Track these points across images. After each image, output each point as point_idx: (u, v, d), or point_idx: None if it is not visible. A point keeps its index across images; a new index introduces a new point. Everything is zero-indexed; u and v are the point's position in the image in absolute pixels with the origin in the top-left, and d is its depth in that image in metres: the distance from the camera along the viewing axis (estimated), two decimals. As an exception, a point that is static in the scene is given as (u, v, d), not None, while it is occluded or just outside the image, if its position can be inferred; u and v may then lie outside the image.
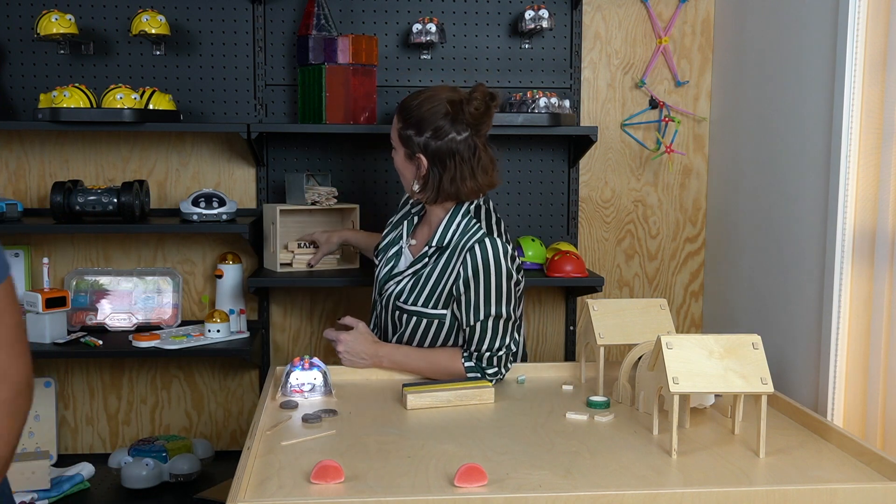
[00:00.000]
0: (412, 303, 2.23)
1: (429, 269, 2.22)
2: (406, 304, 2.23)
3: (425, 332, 2.24)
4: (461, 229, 2.19)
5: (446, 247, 2.20)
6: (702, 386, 1.71)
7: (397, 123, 2.22)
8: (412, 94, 2.24)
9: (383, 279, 2.32)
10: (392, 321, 2.29)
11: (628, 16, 3.05)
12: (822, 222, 2.31)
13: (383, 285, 2.30)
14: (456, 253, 2.18)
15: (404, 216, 2.38)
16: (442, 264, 2.20)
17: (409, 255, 2.30)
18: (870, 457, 1.69)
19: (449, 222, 2.21)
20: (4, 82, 2.88)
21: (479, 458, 1.67)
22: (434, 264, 2.21)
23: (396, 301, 2.24)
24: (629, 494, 1.51)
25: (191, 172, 2.99)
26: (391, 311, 2.28)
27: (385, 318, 2.31)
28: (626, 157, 3.10)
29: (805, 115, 2.42)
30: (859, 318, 2.17)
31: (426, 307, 2.21)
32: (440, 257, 2.21)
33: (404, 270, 2.26)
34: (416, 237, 2.33)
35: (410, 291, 2.23)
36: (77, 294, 2.89)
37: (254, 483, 1.56)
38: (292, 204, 2.80)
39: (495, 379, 2.21)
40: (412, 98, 2.22)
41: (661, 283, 3.16)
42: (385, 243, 2.37)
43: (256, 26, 2.92)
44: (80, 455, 2.97)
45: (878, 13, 2.11)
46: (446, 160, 2.16)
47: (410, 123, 2.18)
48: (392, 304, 2.26)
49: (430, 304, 2.21)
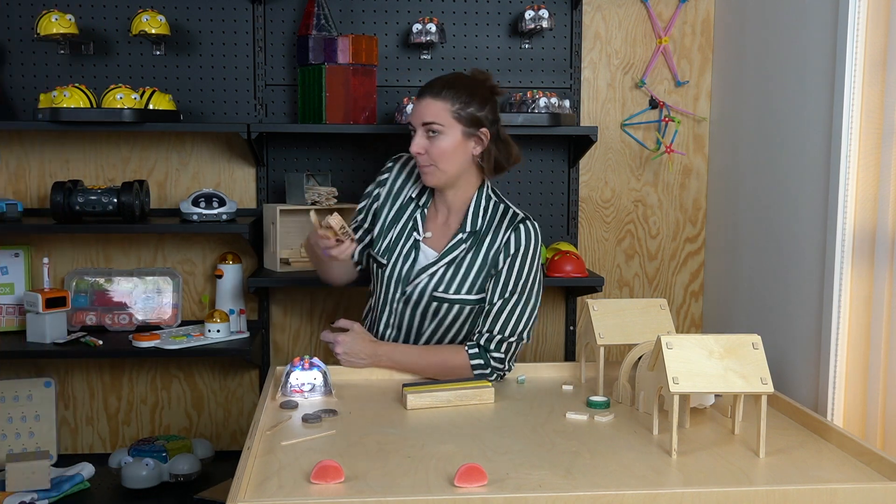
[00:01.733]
0: (454, 291, 2.23)
1: (469, 255, 2.24)
2: (448, 293, 2.24)
3: (466, 320, 2.26)
4: (491, 210, 2.27)
5: (479, 230, 2.25)
6: (702, 386, 1.71)
7: (448, 104, 2.18)
8: (441, 77, 2.24)
9: (406, 276, 2.28)
10: (422, 316, 2.28)
11: (628, 16, 3.05)
12: (822, 222, 2.31)
13: (407, 282, 2.28)
14: (492, 233, 2.24)
15: (404, 210, 2.34)
16: (484, 248, 2.23)
17: (429, 248, 2.29)
18: (870, 457, 1.69)
19: (477, 205, 2.26)
20: (4, 82, 2.88)
21: (479, 458, 1.67)
22: (472, 249, 2.24)
23: (434, 292, 2.24)
24: (629, 494, 1.51)
25: (191, 172, 2.99)
26: (425, 305, 2.26)
27: (408, 314, 2.29)
28: (626, 157, 3.10)
29: (805, 115, 2.42)
30: (859, 318, 2.17)
31: (470, 294, 2.23)
32: (476, 241, 2.24)
33: (437, 261, 2.25)
34: (429, 228, 2.31)
35: (451, 280, 2.24)
36: (77, 294, 2.89)
37: (254, 483, 1.56)
38: (292, 204, 2.80)
39: (497, 373, 2.22)
40: (452, 79, 2.23)
41: (661, 283, 3.16)
42: (389, 241, 2.32)
43: (256, 26, 2.92)
44: (80, 455, 2.98)
45: (878, 13, 2.11)
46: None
47: (470, 100, 2.20)
48: (428, 296, 2.25)
49: (475, 290, 2.23)
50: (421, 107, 2.20)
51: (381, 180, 2.39)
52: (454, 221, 2.30)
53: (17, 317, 2.86)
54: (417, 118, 2.21)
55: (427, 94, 2.20)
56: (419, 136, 2.21)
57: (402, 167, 2.38)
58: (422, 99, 2.21)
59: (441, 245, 2.29)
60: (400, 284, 2.29)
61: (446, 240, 2.29)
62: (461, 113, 2.19)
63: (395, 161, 2.41)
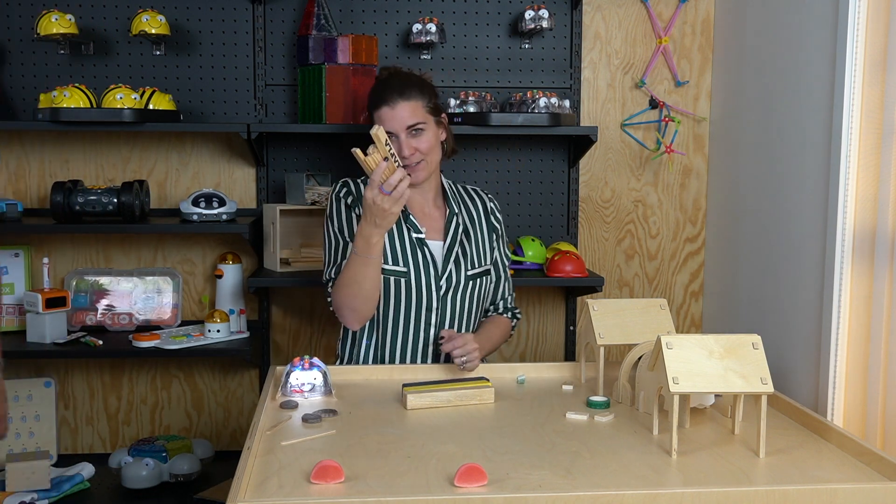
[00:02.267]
0: (479, 263, 2.39)
1: (470, 228, 2.40)
2: (478, 266, 2.38)
3: (485, 287, 2.40)
4: (459, 190, 2.47)
5: (460, 206, 2.41)
6: (702, 386, 1.71)
7: (423, 100, 2.29)
8: (391, 81, 2.32)
9: (436, 276, 2.31)
10: (461, 300, 2.34)
11: (628, 16, 3.05)
12: (822, 222, 2.31)
13: (439, 278, 2.31)
14: (471, 205, 2.44)
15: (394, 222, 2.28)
16: (475, 217, 2.42)
17: (432, 241, 2.34)
18: (870, 457, 1.69)
19: (448, 186, 2.43)
20: (4, 82, 2.88)
21: (479, 458, 1.67)
22: (467, 223, 2.40)
23: (468, 271, 2.35)
24: (629, 494, 1.51)
25: (191, 172, 2.99)
26: (463, 287, 2.34)
27: (449, 306, 2.32)
28: (626, 157, 3.10)
29: (805, 115, 2.42)
30: (859, 318, 2.17)
31: (486, 262, 2.41)
32: (464, 215, 2.40)
33: (451, 247, 2.34)
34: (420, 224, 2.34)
35: (471, 255, 2.37)
36: (77, 294, 2.89)
37: (254, 483, 1.56)
38: (292, 204, 2.80)
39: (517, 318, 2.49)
40: (404, 79, 2.32)
41: (661, 283, 3.16)
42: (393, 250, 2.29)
43: (256, 26, 2.92)
44: (80, 455, 2.97)
45: (878, 13, 2.11)
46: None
47: (432, 93, 2.34)
48: (465, 278, 2.34)
49: (488, 260, 2.41)
50: (398, 112, 2.25)
51: (349, 202, 2.33)
52: (435, 208, 2.39)
53: (17, 317, 2.86)
54: (399, 124, 2.25)
55: (396, 98, 2.26)
56: (406, 139, 2.26)
57: (357, 186, 2.35)
58: (394, 105, 2.25)
59: (439, 232, 2.36)
60: (432, 285, 2.31)
61: (440, 224, 2.36)
62: (429, 105, 2.30)
63: (346, 185, 2.36)
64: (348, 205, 2.33)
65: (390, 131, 2.23)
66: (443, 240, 2.35)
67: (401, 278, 2.29)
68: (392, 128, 2.24)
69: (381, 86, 2.32)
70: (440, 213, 2.39)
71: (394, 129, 2.24)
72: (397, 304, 2.31)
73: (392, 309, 2.32)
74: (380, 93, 2.29)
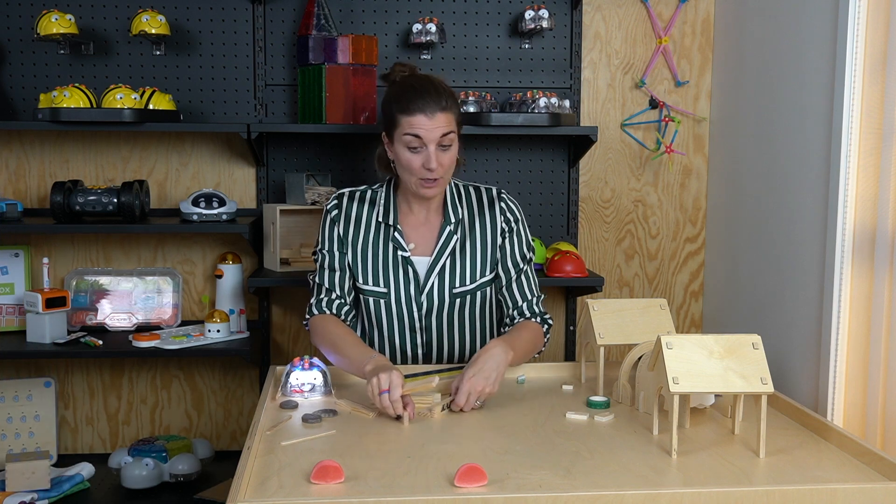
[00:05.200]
0: (469, 280, 2.25)
1: (467, 242, 2.26)
2: (465, 284, 2.25)
3: (483, 303, 2.29)
4: (464, 195, 2.30)
5: (464, 216, 2.27)
6: (702, 386, 1.71)
7: (455, 112, 2.14)
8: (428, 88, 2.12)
9: (416, 295, 2.23)
10: (448, 318, 2.26)
11: (628, 16, 3.05)
12: (822, 222, 2.31)
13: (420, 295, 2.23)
14: (480, 215, 2.27)
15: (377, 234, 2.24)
16: (478, 229, 2.27)
17: (419, 258, 2.24)
18: (870, 457, 1.69)
19: (452, 196, 2.28)
20: (4, 82, 2.88)
21: (479, 458, 1.67)
22: (465, 236, 2.26)
23: (452, 290, 2.24)
24: (629, 494, 1.51)
25: (191, 172, 2.99)
26: (448, 306, 2.24)
27: (434, 324, 2.26)
28: (626, 157, 3.10)
29: (805, 115, 2.42)
30: (859, 318, 2.17)
31: (484, 275, 2.27)
32: (465, 227, 2.26)
33: (437, 260, 2.23)
34: (409, 240, 2.26)
35: (461, 271, 2.25)
36: (77, 294, 2.89)
37: (254, 483, 1.56)
38: (292, 204, 2.80)
39: (549, 325, 2.29)
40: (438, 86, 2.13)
41: (661, 283, 3.16)
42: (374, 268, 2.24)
43: (256, 26, 2.92)
44: (80, 455, 2.98)
45: (878, 13, 2.11)
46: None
47: (458, 104, 2.19)
48: (449, 296, 2.23)
49: (487, 271, 2.27)
50: (436, 122, 2.09)
51: (333, 217, 2.27)
52: (434, 218, 2.27)
53: (17, 317, 2.86)
54: (434, 135, 2.09)
55: (435, 108, 2.08)
56: (436, 153, 2.10)
57: (350, 200, 2.28)
58: (433, 115, 2.08)
59: (430, 246, 2.26)
60: (412, 302, 2.24)
61: (433, 237, 2.26)
62: (459, 119, 2.17)
63: (339, 198, 2.28)
64: (333, 219, 2.26)
65: (420, 139, 2.09)
66: (430, 254, 2.25)
67: (380, 299, 2.25)
68: (425, 137, 2.09)
69: (412, 91, 2.11)
70: (439, 224, 2.27)
71: (426, 139, 2.09)
72: (379, 324, 2.28)
73: (376, 330, 2.29)
74: (413, 98, 2.10)
